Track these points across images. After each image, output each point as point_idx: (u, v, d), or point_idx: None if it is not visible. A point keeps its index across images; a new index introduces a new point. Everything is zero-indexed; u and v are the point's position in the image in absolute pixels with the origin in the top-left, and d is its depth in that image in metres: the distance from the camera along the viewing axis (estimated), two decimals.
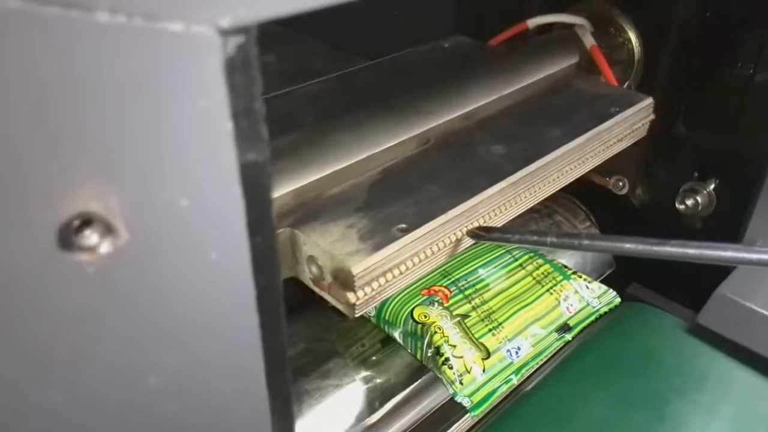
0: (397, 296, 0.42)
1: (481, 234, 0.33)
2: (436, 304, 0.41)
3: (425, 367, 0.42)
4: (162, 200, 0.13)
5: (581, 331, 0.43)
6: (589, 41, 0.46)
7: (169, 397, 0.15)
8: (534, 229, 0.54)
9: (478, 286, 0.43)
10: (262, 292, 0.16)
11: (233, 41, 0.13)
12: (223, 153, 0.14)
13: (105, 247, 0.13)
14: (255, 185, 0.14)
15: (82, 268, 0.13)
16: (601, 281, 0.49)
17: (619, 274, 0.55)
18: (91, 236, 0.12)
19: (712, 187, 0.49)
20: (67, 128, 0.12)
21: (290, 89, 0.44)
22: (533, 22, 0.48)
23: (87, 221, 0.12)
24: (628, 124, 0.42)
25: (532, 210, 0.55)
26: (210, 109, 0.13)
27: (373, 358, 0.44)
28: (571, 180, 0.40)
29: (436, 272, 0.44)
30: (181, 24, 0.12)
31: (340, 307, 0.31)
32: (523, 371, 0.40)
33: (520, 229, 0.45)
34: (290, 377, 0.18)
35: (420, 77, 0.45)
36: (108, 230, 0.13)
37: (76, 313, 0.13)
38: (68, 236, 0.12)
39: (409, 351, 0.42)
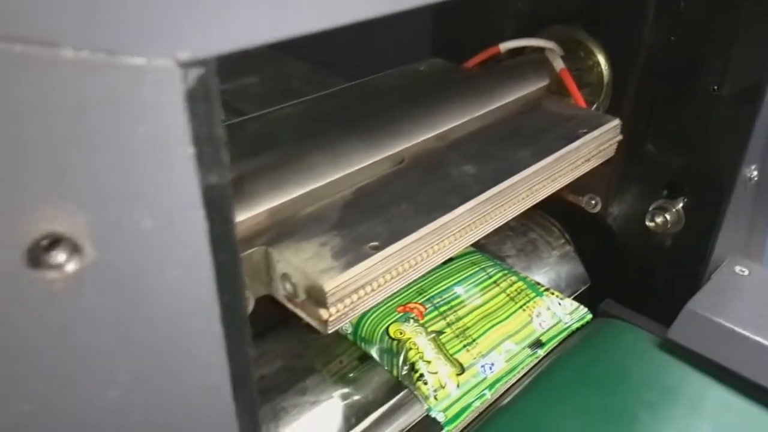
0: (373, 313, 0.43)
1: None
2: (411, 320, 0.42)
3: (402, 385, 0.42)
4: (127, 221, 0.14)
5: (554, 346, 0.44)
6: (558, 65, 0.47)
7: (133, 413, 0.16)
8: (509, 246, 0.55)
9: (452, 303, 0.44)
10: (227, 307, 0.16)
11: (193, 73, 0.13)
12: (186, 176, 0.14)
13: (72, 266, 0.13)
14: (217, 206, 0.15)
15: (50, 285, 0.13)
16: (575, 297, 0.50)
17: (593, 290, 0.56)
18: (58, 255, 0.13)
19: (680, 205, 0.50)
20: (33, 154, 0.12)
21: (266, 111, 0.45)
22: (505, 46, 0.49)
23: (55, 241, 0.13)
24: (596, 145, 0.43)
25: (507, 227, 0.56)
26: (173, 136, 0.14)
27: (351, 375, 0.44)
28: (540, 199, 0.41)
29: (411, 289, 0.45)
30: (143, 58, 0.13)
31: (313, 323, 0.31)
32: (496, 386, 0.40)
33: None
34: (256, 392, 0.18)
35: (395, 99, 0.46)
36: (75, 249, 0.13)
37: (45, 329, 0.14)
38: (37, 255, 0.13)
39: (385, 367, 0.42)
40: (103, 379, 0.15)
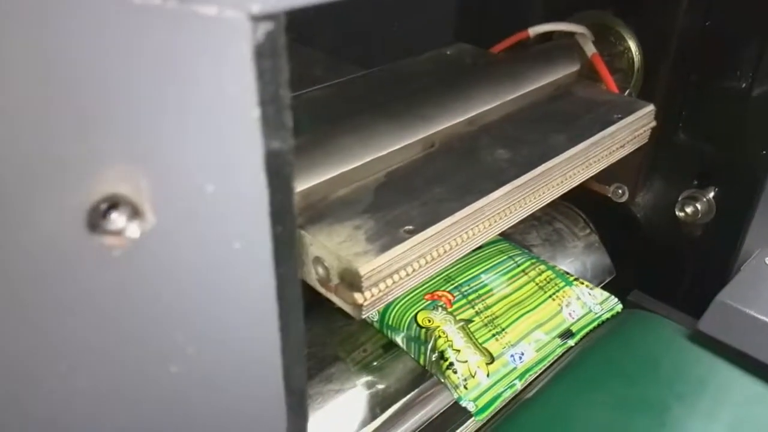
0: (401, 301, 0.42)
1: None
2: (439, 308, 0.41)
3: (427, 373, 0.42)
4: (189, 185, 0.13)
5: (584, 337, 0.43)
6: (590, 49, 0.46)
7: (187, 384, 0.15)
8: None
9: (481, 292, 0.43)
10: (282, 282, 0.16)
11: (263, 28, 0.13)
12: (250, 140, 0.14)
13: (131, 231, 0.13)
14: (279, 174, 0.15)
15: (108, 251, 0.13)
16: (602, 288, 0.49)
17: (620, 281, 0.55)
18: (118, 219, 0.12)
19: (711, 194, 0.49)
20: (98, 109, 0.12)
21: (295, 94, 0.44)
22: (534, 31, 0.48)
23: (115, 204, 0.12)
24: (631, 130, 0.42)
25: (532, 217, 0.55)
26: (238, 95, 0.13)
27: (375, 363, 0.44)
28: (575, 184, 0.40)
29: (439, 277, 0.44)
30: (214, 7, 0.12)
31: (346, 308, 0.31)
32: (526, 376, 0.40)
33: None
34: (306, 369, 0.18)
35: (423, 83, 0.45)
36: (135, 213, 0.13)
37: (100, 297, 0.13)
38: (96, 219, 0.12)
39: (412, 356, 0.41)
40: (156, 351, 0.15)
